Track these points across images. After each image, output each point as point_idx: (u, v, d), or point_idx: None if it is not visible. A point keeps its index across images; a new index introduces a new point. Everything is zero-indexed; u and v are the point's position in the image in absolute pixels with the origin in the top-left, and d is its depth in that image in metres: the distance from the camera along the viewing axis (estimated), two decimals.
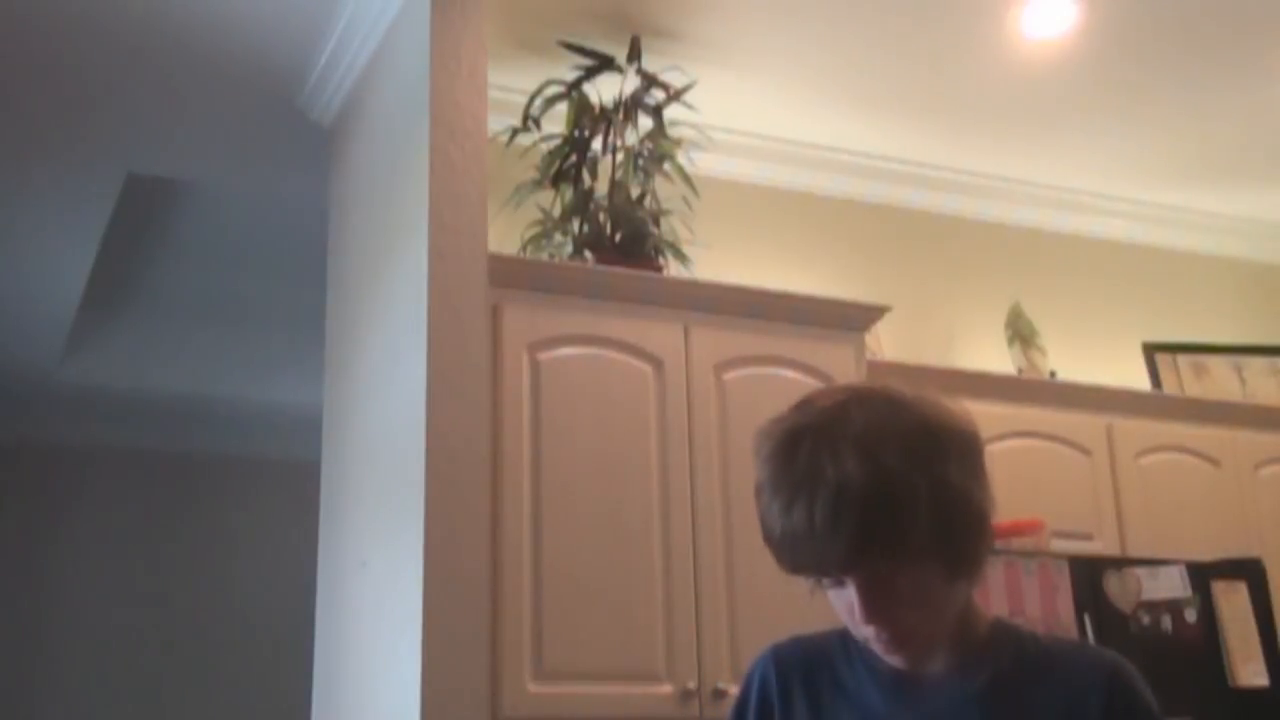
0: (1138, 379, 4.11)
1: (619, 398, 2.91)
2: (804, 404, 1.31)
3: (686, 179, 3.33)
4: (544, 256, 3.24)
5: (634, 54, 3.33)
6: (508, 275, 2.87)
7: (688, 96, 3.33)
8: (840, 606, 1.28)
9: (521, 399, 2.80)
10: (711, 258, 3.43)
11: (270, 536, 5.93)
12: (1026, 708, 1.28)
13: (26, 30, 3.30)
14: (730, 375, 3.05)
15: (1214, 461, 3.78)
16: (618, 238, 3.20)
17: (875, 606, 1.23)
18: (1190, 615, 3.21)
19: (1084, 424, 3.64)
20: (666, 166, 3.32)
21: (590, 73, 3.29)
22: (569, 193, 3.27)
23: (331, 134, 3.66)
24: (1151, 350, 4.18)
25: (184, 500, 6.11)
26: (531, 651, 2.63)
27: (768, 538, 1.27)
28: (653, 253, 3.20)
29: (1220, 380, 4.19)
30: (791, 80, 3.67)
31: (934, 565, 1.24)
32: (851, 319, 3.24)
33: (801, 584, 1.32)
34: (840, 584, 1.26)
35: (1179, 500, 3.67)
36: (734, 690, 2.79)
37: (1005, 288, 4.08)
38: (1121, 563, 3.26)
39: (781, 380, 3.11)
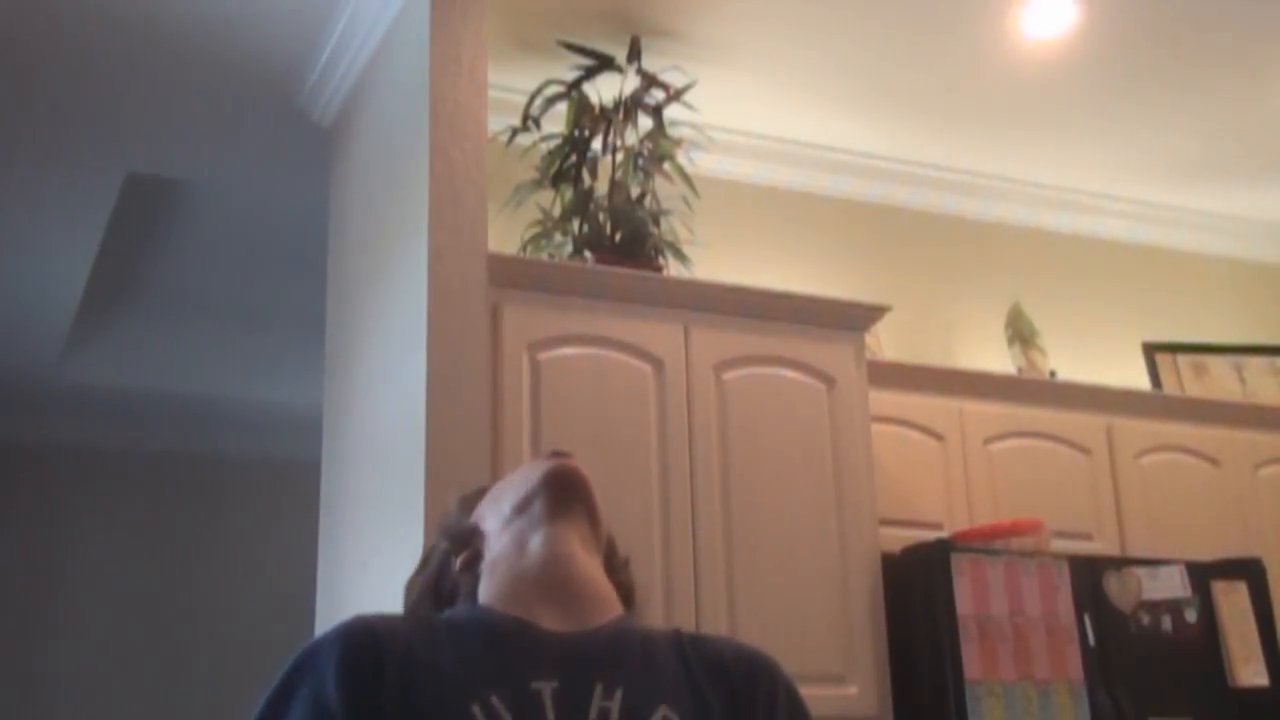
0: (1138, 379, 4.11)
1: (619, 398, 2.91)
2: None
3: (686, 179, 3.33)
4: (544, 256, 3.24)
5: (634, 54, 3.33)
6: (508, 275, 2.87)
7: (688, 96, 3.33)
8: None
9: (521, 399, 2.80)
10: (711, 258, 3.43)
11: (270, 536, 5.93)
12: None
13: (26, 31, 3.31)
14: (730, 375, 3.05)
15: (1214, 461, 3.78)
16: (618, 238, 3.20)
17: None
18: (1190, 615, 3.21)
19: (1084, 424, 3.64)
20: (666, 166, 3.32)
21: (590, 73, 3.29)
22: (569, 193, 3.27)
23: (331, 134, 3.66)
24: (1151, 350, 4.18)
25: (184, 500, 6.11)
26: None
27: None
28: (653, 253, 3.20)
29: (1220, 380, 4.19)
30: (791, 80, 3.67)
31: None
32: (851, 319, 3.24)
33: (802, 584, 1.31)
34: None
35: (1179, 500, 3.67)
36: None
37: (1005, 288, 4.09)
38: (1121, 563, 3.26)
39: (781, 380, 3.11)
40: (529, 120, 3.27)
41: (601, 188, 3.29)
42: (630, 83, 3.34)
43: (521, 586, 1.20)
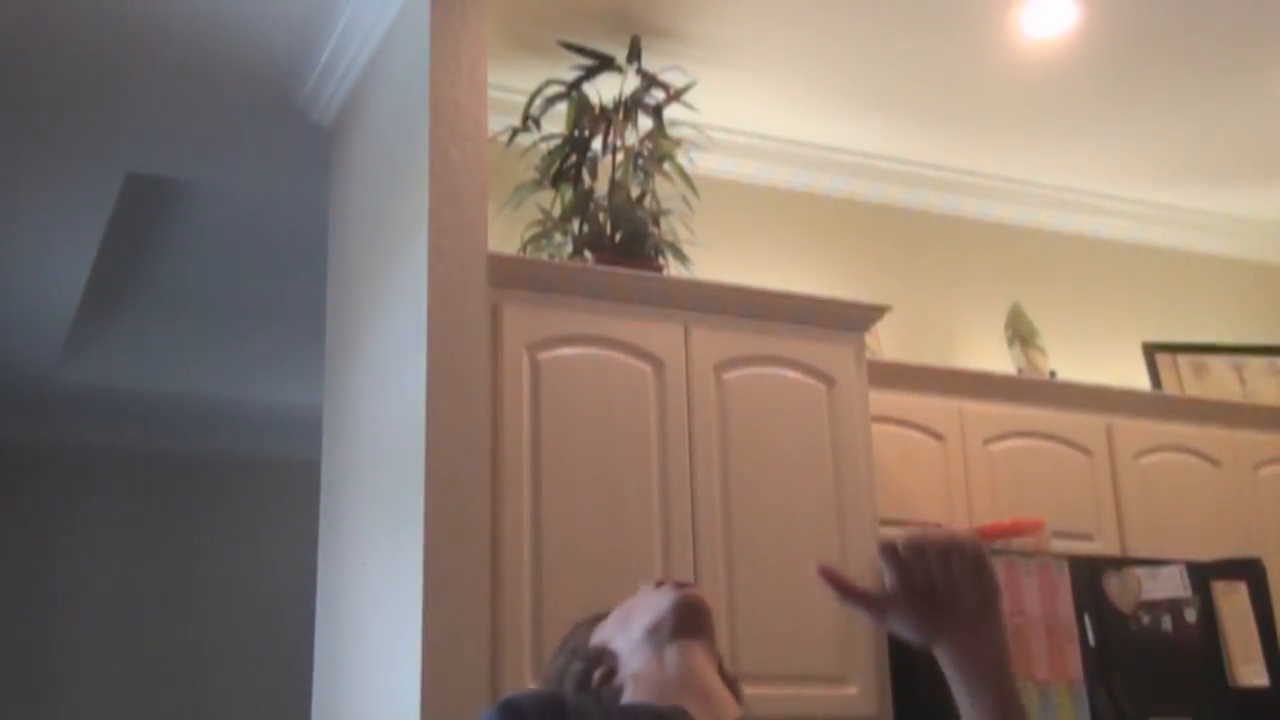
0: (1138, 379, 4.11)
1: (619, 398, 2.91)
2: None
3: (686, 179, 3.33)
4: (544, 256, 3.24)
5: (634, 54, 3.33)
6: (508, 275, 2.87)
7: (688, 96, 3.33)
8: None
9: (521, 399, 2.80)
10: (711, 258, 3.43)
11: (270, 536, 5.93)
12: None
13: (26, 30, 3.31)
14: (730, 375, 3.05)
15: (1214, 461, 3.79)
16: (618, 238, 3.20)
17: None
18: (1190, 615, 3.22)
19: (1084, 424, 3.64)
20: (666, 166, 3.32)
21: (590, 73, 3.29)
22: (569, 193, 3.27)
23: (331, 134, 3.66)
24: (1151, 350, 4.18)
25: (184, 500, 6.12)
26: (531, 651, 2.63)
27: None
28: (653, 253, 3.20)
29: (1220, 380, 4.20)
30: (791, 80, 3.67)
31: None
32: (851, 319, 3.24)
33: (802, 584, 1.37)
34: None
35: (1179, 500, 3.67)
36: None
37: (1005, 288, 4.09)
38: (1121, 563, 3.26)
39: (781, 380, 3.11)
40: (529, 120, 3.27)
41: (601, 188, 3.29)
42: (630, 83, 3.34)
43: (667, 693, 1.36)
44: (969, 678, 1.21)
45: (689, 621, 1.42)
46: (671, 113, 3.35)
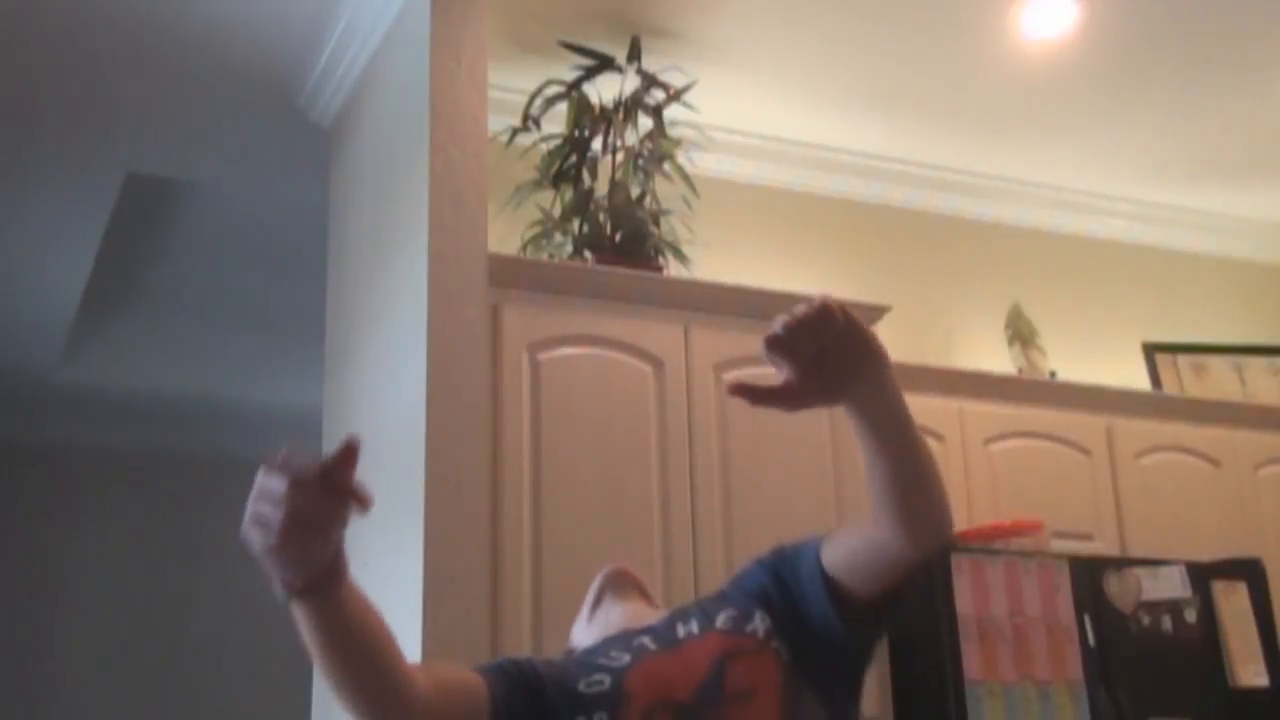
0: (1138, 379, 4.11)
1: (619, 398, 2.91)
2: None
3: (686, 179, 3.33)
4: (544, 256, 3.24)
5: (634, 54, 3.33)
6: (508, 275, 2.87)
7: (688, 96, 3.33)
8: None
9: (521, 399, 2.80)
10: (711, 258, 3.43)
11: None
12: None
13: (26, 31, 3.31)
14: (730, 375, 3.05)
15: (1214, 461, 3.78)
16: (618, 238, 3.20)
17: None
18: (1190, 615, 3.21)
19: (1084, 424, 3.64)
20: (666, 166, 3.32)
21: (590, 73, 3.29)
22: (569, 193, 3.27)
23: (331, 134, 3.66)
24: (1151, 350, 4.18)
25: (184, 500, 6.11)
26: (532, 651, 2.63)
27: None
28: (653, 253, 3.20)
29: (1220, 380, 4.19)
30: (791, 80, 3.67)
31: None
32: None
33: None
34: None
35: (1179, 500, 3.67)
36: None
37: (1005, 288, 4.08)
38: (1121, 563, 3.26)
39: None
40: (529, 120, 3.27)
41: (601, 188, 3.29)
42: (630, 83, 3.34)
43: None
44: (871, 422, 1.35)
45: (616, 581, 1.70)
46: (671, 113, 3.35)
